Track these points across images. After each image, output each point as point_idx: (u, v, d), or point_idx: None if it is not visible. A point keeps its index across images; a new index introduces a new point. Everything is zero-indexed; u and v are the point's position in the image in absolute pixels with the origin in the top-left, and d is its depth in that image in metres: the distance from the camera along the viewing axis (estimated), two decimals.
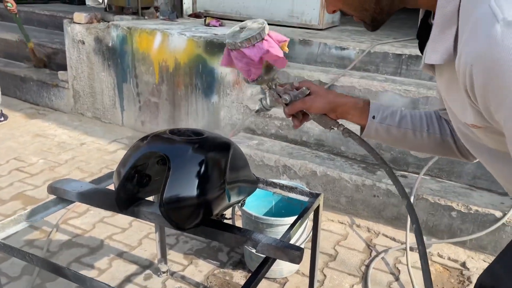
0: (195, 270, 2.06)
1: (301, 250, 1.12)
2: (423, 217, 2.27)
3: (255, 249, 1.15)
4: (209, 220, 1.19)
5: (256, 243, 1.15)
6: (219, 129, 3.18)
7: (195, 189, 1.12)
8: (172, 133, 1.24)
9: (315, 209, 1.46)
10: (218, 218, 1.25)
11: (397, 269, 2.10)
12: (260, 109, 1.12)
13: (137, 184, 1.26)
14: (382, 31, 0.93)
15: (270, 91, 1.08)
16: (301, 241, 1.97)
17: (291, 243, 1.18)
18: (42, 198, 2.56)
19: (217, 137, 1.31)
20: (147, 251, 2.18)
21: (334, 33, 3.57)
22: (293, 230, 1.28)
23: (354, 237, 2.34)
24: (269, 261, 1.14)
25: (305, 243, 2.02)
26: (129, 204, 1.27)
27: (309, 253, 1.56)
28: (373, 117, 1.03)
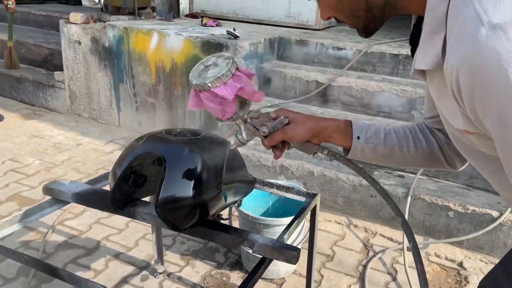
0: (192, 271, 2.05)
1: (297, 250, 1.12)
2: (420, 217, 2.27)
3: (251, 250, 1.15)
4: (205, 221, 1.19)
5: (253, 243, 1.14)
6: (216, 129, 3.17)
7: (191, 189, 1.12)
8: (168, 133, 1.23)
9: (312, 209, 1.46)
10: (214, 219, 1.24)
11: (394, 269, 2.10)
12: (235, 144, 1.04)
13: (133, 184, 1.25)
14: (379, 31, 0.93)
15: (246, 125, 1.01)
16: (298, 241, 1.97)
17: (287, 243, 1.18)
18: (38, 199, 2.55)
19: (214, 137, 1.31)
20: (143, 252, 2.17)
21: (331, 33, 3.57)
22: (290, 231, 1.28)
23: (351, 237, 2.34)
24: (266, 261, 1.14)
25: (302, 243, 2.01)
26: (125, 204, 1.26)
27: (306, 254, 1.56)
28: (358, 137, 1.02)
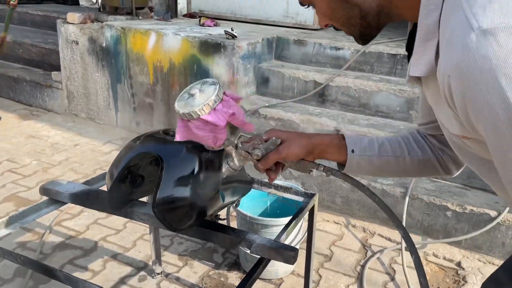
0: (190, 271, 2.05)
1: (295, 250, 1.11)
2: (418, 217, 2.27)
3: (249, 250, 1.14)
4: (203, 221, 1.18)
5: (250, 243, 1.14)
6: None
7: (188, 189, 1.11)
8: (166, 133, 1.22)
9: (310, 210, 1.45)
10: (212, 219, 1.24)
11: (392, 269, 2.10)
12: (227, 172, 1.02)
13: (130, 185, 1.24)
14: None
15: (237, 150, 1.00)
16: (296, 241, 1.97)
17: (285, 243, 1.17)
18: (35, 200, 2.54)
19: None
20: (141, 252, 2.16)
21: (329, 33, 3.56)
22: (288, 231, 1.27)
23: (350, 237, 2.34)
24: (264, 261, 1.13)
25: (300, 243, 2.01)
26: (122, 205, 1.25)
27: (304, 254, 1.55)
28: (352, 151, 1.01)
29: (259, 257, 1.15)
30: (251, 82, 3.11)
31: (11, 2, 3.90)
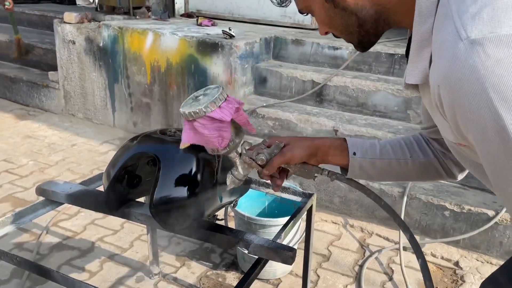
0: (187, 271, 2.04)
1: (293, 250, 1.11)
2: (416, 216, 2.27)
3: (247, 250, 1.14)
4: (201, 221, 1.18)
5: (248, 244, 1.13)
6: None
7: (186, 190, 1.11)
8: (163, 133, 1.22)
9: (308, 209, 1.45)
10: (210, 219, 1.23)
11: (390, 269, 2.10)
12: (233, 183, 1.02)
13: (127, 185, 1.24)
14: None
15: (241, 158, 0.99)
16: (294, 241, 1.96)
17: (283, 243, 1.17)
18: (32, 200, 2.53)
19: None
20: (138, 253, 2.15)
21: None
22: (285, 231, 1.27)
23: (348, 237, 2.34)
24: (262, 262, 1.13)
25: (298, 243, 2.01)
26: (119, 205, 1.25)
27: (302, 254, 1.55)
28: (354, 153, 1.00)
29: (257, 257, 1.14)
30: (248, 82, 3.10)
31: (6, 6, 3.88)
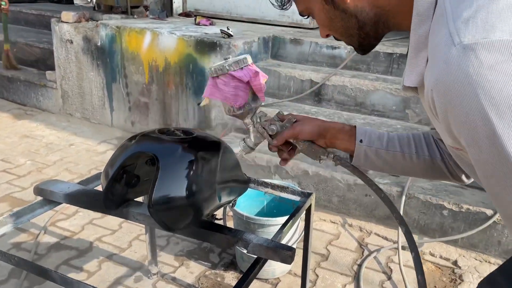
0: (186, 271, 2.04)
1: (292, 250, 1.10)
2: (415, 216, 2.27)
3: (246, 250, 1.13)
4: (199, 221, 1.17)
5: (247, 243, 1.13)
6: (210, 129, 3.15)
7: (185, 189, 1.10)
8: (161, 132, 1.21)
9: (307, 209, 1.45)
10: (209, 219, 1.23)
11: (389, 268, 2.10)
12: (243, 150, 1.09)
13: (125, 184, 1.23)
14: None
15: (255, 125, 1.06)
16: (293, 241, 1.96)
17: (282, 243, 1.16)
18: (30, 200, 2.52)
19: (207, 136, 1.29)
20: (137, 253, 2.15)
21: None
22: (284, 230, 1.26)
23: (346, 236, 2.34)
24: (261, 261, 1.12)
25: (297, 243, 2.00)
26: (117, 205, 1.24)
27: (301, 253, 1.55)
28: (361, 141, 1.01)
29: (256, 257, 1.14)
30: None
31: (3, 6, 3.86)
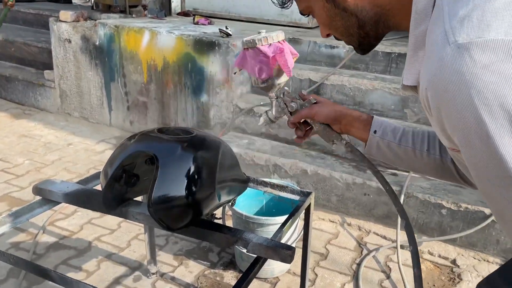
0: (185, 271, 2.04)
1: (292, 249, 1.11)
2: (414, 215, 2.27)
3: (245, 249, 1.13)
4: (199, 220, 1.17)
5: (247, 242, 1.13)
6: (209, 128, 3.15)
7: (184, 188, 1.10)
8: (161, 131, 1.21)
9: (306, 208, 1.45)
10: (208, 218, 1.23)
11: (388, 267, 2.10)
12: (265, 121, 1.14)
13: (125, 184, 1.23)
14: None
15: (278, 100, 1.10)
16: (292, 240, 1.96)
17: (282, 242, 1.16)
18: (28, 200, 2.51)
19: (207, 135, 1.29)
20: (136, 252, 2.15)
21: None
22: (284, 229, 1.27)
23: (345, 235, 2.34)
24: (260, 260, 1.12)
25: (296, 242, 2.01)
26: (117, 204, 1.24)
27: (300, 252, 1.55)
28: (375, 132, 1.01)
29: (255, 256, 1.14)
30: (246, 81, 3.09)
31: (9, 2, 3.83)
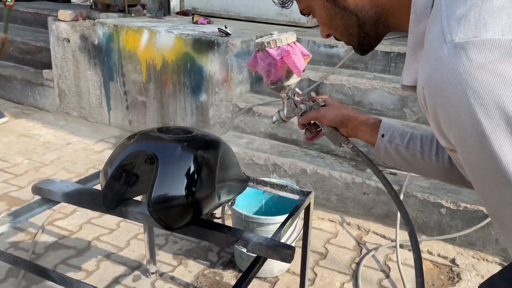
0: (184, 270, 2.03)
1: (292, 248, 1.10)
2: (413, 214, 2.27)
3: (245, 249, 1.13)
4: (199, 220, 1.17)
5: (247, 242, 1.13)
6: (208, 127, 3.15)
7: (184, 188, 1.10)
8: (160, 131, 1.21)
9: (306, 207, 1.45)
10: (208, 218, 1.23)
11: (387, 266, 2.10)
12: (277, 120, 1.17)
13: (124, 183, 1.23)
14: None
15: (288, 100, 1.12)
16: (291, 239, 1.96)
17: (281, 241, 1.16)
18: (27, 199, 2.51)
19: (207, 135, 1.29)
20: (135, 252, 2.15)
21: None
22: (284, 229, 1.26)
23: (345, 235, 2.34)
24: (260, 260, 1.12)
25: (295, 241, 2.01)
26: (116, 204, 1.24)
27: (299, 252, 1.55)
28: (382, 135, 1.01)
29: (255, 256, 1.14)
30: (245, 80, 3.09)
31: (7, 3, 3.82)
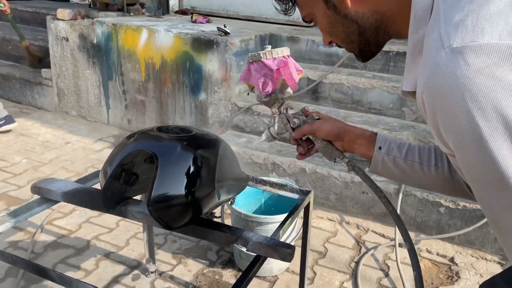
0: (184, 269, 2.03)
1: (292, 247, 1.11)
2: (412, 213, 2.28)
3: (245, 248, 1.13)
4: (198, 219, 1.17)
5: (247, 241, 1.13)
6: (207, 127, 3.15)
7: (183, 187, 1.10)
8: (160, 130, 1.21)
9: (306, 207, 1.45)
10: (207, 217, 1.23)
11: (386, 265, 2.11)
12: (267, 138, 1.14)
13: (124, 183, 1.23)
14: None
15: (280, 116, 1.10)
16: (291, 238, 1.96)
17: (281, 241, 1.16)
18: (26, 199, 2.51)
19: (206, 134, 1.29)
20: (135, 251, 2.15)
21: None
22: (284, 228, 1.27)
23: (344, 234, 2.34)
24: (260, 259, 1.12)
25: (295, 241, 2.01)
26: (116, 203, 1.24)
27: (299, 251, 1.55)
28: (379, 148, 1.00)
29: (254, 255, 1.14)
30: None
31: (1, 8, 3.81)
